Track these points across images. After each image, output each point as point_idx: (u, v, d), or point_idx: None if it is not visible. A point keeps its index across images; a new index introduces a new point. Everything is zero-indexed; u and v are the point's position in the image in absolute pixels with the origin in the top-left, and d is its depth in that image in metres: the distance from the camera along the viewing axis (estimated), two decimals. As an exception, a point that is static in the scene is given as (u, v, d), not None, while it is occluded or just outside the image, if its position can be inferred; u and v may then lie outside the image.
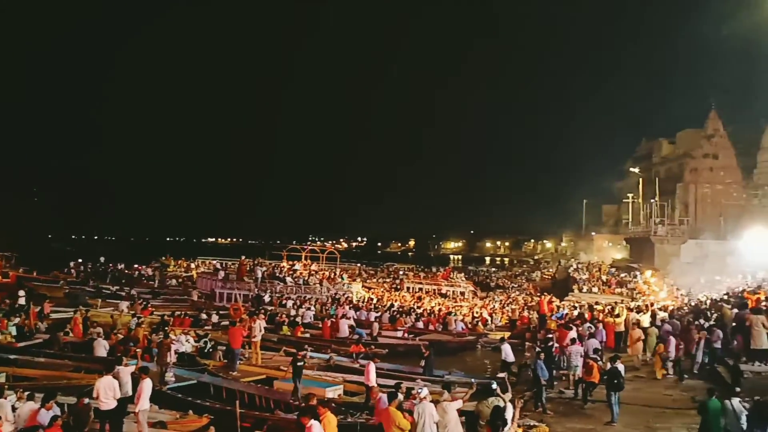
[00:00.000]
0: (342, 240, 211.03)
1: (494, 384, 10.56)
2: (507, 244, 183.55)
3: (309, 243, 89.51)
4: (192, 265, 51.83)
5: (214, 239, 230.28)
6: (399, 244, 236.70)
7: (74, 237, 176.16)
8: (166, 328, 19.25)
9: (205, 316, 24.69)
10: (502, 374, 15.71)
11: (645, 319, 20.65)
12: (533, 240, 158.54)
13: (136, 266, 47.15)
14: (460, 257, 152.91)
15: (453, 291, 46.61)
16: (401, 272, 58.67)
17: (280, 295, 32.27)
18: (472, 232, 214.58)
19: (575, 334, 17.12)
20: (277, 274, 36.69)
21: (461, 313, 31.70)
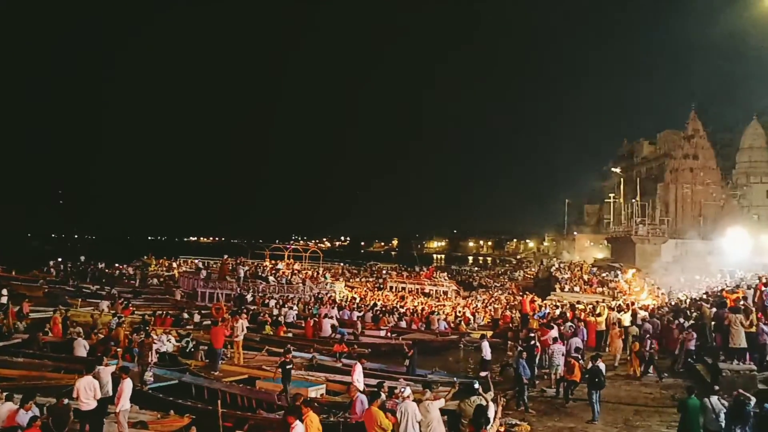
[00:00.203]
0: (325, 239, 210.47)
1: (476, 383, 10.60)
2: (490, 244, 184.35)
3: (292, 242, 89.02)
4: (174, 264, 51.37)
5: (197, 238, 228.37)
6: (382, 244, 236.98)
7: (54, 236, 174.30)
8: (148, 328, 19.09)
9: (187, 316, 24.51)
10: (485, 373, 15.81)
11: (626, 318, 20.87)
12: (516, 239, 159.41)
13: (117, 265, 46.65)
14: (443, 257, 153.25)
15: (436, 290, 46.64)
16: (384, 271, 58.68)
17: (263, 295, 32.08)
18: (455, 232, 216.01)
19: (556, 333, 17.27)
20: (260, 274, 36.48)
21: (444, 313, 31.70)
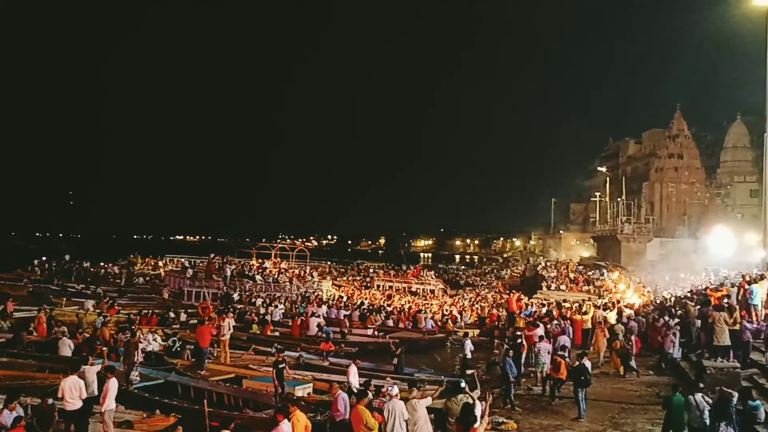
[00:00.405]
0: (312, 238, 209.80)
1: (463, 382, 10.62)
2: (476, 242, 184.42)
3: (279, 241, 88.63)
4: (160, 263, 51.07)
5: (183, 237, 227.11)
6: (369, 242, 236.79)
7: (38, 234, 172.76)
8: (133, 327, 18.97)
9: (173, 315, 24.37)
10: (471, 371, 15.85)
11: (611, 316, 21.01)
12: (502, 238, 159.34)
13: (102, 264, 46.29)
14: (430, 255, 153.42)
15: (423, 289, 46.68)
16: (371, 270, 58.62)
17: (250, 294, 32.01)
18: (442, 230, 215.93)
19: (543, 331, 17.34)
20: (247, 272, 36.38)
21: (431, 311, 31.78)
